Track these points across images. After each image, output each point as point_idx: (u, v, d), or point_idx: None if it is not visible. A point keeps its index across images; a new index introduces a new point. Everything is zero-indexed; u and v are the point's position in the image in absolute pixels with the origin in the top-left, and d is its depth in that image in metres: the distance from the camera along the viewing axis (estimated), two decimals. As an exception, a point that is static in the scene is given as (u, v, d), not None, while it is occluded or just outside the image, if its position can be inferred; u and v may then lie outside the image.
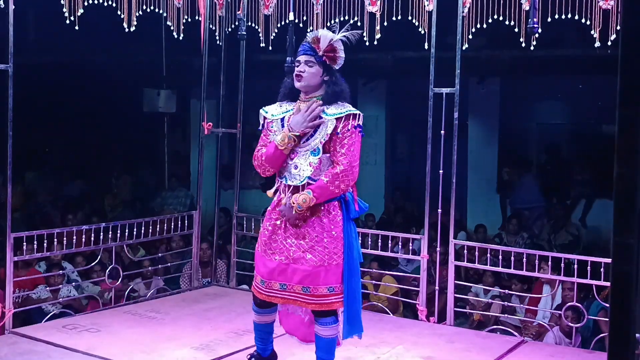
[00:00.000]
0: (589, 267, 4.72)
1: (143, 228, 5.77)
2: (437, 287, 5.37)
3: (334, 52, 3.55)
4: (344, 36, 3.57)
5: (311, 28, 5.31)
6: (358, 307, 3.58)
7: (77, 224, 7.10)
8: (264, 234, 3.67)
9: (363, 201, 3.65)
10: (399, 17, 5.11)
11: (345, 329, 3.56)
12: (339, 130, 3.46)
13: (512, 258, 5.04)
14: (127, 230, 5.66)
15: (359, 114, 3.52)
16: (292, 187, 3.54)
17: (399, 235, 6.12)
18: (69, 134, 11.66)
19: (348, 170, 3.43)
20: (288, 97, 3.66)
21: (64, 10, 4.89)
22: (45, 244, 5.06)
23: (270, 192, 3.69)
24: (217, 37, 6.02)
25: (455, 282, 5.30)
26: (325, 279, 3.48)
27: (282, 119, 3.61)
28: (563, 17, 4.58)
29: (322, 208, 3.49)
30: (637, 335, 1.60)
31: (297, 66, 3.54)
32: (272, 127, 3.64)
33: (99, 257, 5.92)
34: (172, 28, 5.70)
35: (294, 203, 3.45)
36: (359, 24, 5.11)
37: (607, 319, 4.90)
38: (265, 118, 3.69)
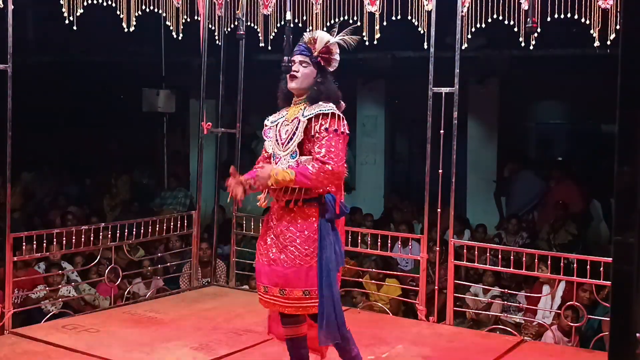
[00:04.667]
0: (588, 267, 4.72)
1: (142, 228, 5.77)
2: (436, 287, 5.38)
3: (329, 54, 3.51)
4: (342, 39, 3.55)
5: (310, 28, 5.30)
6: (332, 312, 3.38)
7: (76, 224, 7.10)
8: (260, 236, 3.67)
9: (345, 204, 3.53)
10: (399, 17, 5.10)
11: (320, 335, 3.42)
12: (312, 132, 3.40)
13: (512, 258, 5.04)
14: (126, 231, 5.65)
15: (333, 113, 3.39)
16: (278, 191, 3.48)
17: (399, 235, 6.12)
18: (68, 134, 11.68)
19: (335, 170, 3.33)
20: (285, 102, 3.64)
21: (63, 10, 4.88)
22: (44, 244, 5.06)
23: (260, 200, 3.65)
24: (217, 37, 6.02)
25: (455, 281, 5.30)
26: (299, 281, 3.41)
27: (277, 125, 3.60)
28: (562, 16, 4.58)
29: (298, 207, 3.43)
30: (637, 334, 1.61)
31: (292, 66, 3.53)
32: (269, 133, 3.64)
33: (98, 257, 5.91)
34: (171, 28, 5.70)
35: (271, 175, 3.33)
36: (358, 23, 5.11)
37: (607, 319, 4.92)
38: (266, 126, 3.68)
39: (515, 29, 4.79)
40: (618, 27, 4.39)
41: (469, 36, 4.98)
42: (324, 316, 3.38)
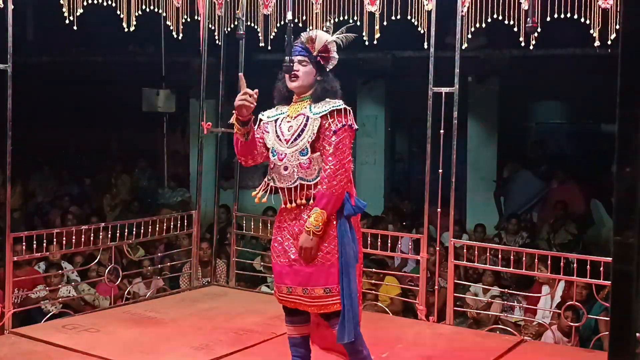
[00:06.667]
0: (588, 267, 4.72)
1: (142, 228, 5.76)
2: (436, 287, 5.38)
3: (327, 53, 3.55)
4: (338, 38, 3.58)
5: (310, 28, 5.30)
6: (350, 309, 3.39)
7: (76, 224, 7.10)
8: (273, 238, 3.67)
9: (361, 200, 3.57)
10: (398, 17, 5.10)
11: (339, 332, 3.43)
12: (325, 129, 3.42)
13: (512, 257, 5.03)
14: (126, 230, 5.65)
15: (345, 109, 3.45)
16: (286, 190, 3.51)
17: (399, 234, 6.13)
18: (68, 134, 11.69)
19: (339, 168, 3.37)
20: (283, 101, 3.65)
21: (63, 10, 4.88)
22: (44, 244, 5.06)
23: (256, 195, 3.62)
24: (217, 37, 6.01)
25: (455, 281, 5.30)
26: (320, 279, 3.42)
27: (276, 120, 3.61)
28: (562, 16, 4.58)
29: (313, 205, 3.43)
30: (637, 334, 1.61)
31: (293, 66, 3.54)
32: (267, 128, 3.64)
33: (98, 257, 5.92)
34: (171, 28, 5.70)
35: (308, 228, 3.37)
36: (358, 23, 5.11)
37: (607, 319, 4.92)
38: (261, 120, 3.67)
39: (515, 29, 4.79)
40: (618, 27, 4.39)
41: (469, 36, 4.97)
42: (344, 313, 3.39)
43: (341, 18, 5.14)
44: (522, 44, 4.83)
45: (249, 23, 5.74)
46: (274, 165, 3.56)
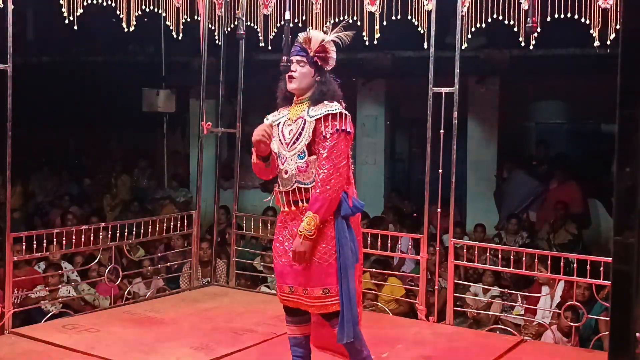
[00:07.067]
0: (588, 267, 4.72)
1: (142, 228, 5.76)
2: (436, 287, 5.38)
3: (325, 53, 3.51)
4: (336, 37, 3.55)
5: (310, 28, 5.29)
6: (349, 309, 3.39)
7: (76, 224, 7.10)
8: (275, 238, 3.67)
9: (359, 200, 3.55)
10: (398, 17, 5.10)
11: (339, 332, 3.43)
12: (319, 133, 3.41)
13: (512, 257, 5.03)
14: (126, 230, 5.65)
15: (341, 113, 3.42)
16: (284, 193, 3.52)
17: (399, 234, 6.13)
18: (68, 134, 11.69)
19: (333, 172, 3.36)
20: (286, 102, 3.63)
21: (63, 10, 4.88)
22: (44, 244, 5.05)
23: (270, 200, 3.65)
24: (217, 37, 6.02)
25: (455, 281, 5.30)
26: (319, 279, 3.42)
27: (278, 124, 3.60)
28: (562, 16, 4.58)
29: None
30: (637, 334, 1.61)
31: (290, 66, 3.54)
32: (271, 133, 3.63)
33: (98, 257, 5.92)
34: (171, 28, 5.70)
35: (300, 232, 3.37)
36: (358, 23, 5.11)
37: (607, 319, 4.92)
38: None
39: (515, 29, 4.79)
40: (618, 27, 4.39)
41: (469, 36, 4.98)
42: (343, 313, 3.39)
43: (341, 18, 5.14)
44: (522, 44, 4.84)
45: (249, 23, 5.75)
46: (279, 170, 3.57)
